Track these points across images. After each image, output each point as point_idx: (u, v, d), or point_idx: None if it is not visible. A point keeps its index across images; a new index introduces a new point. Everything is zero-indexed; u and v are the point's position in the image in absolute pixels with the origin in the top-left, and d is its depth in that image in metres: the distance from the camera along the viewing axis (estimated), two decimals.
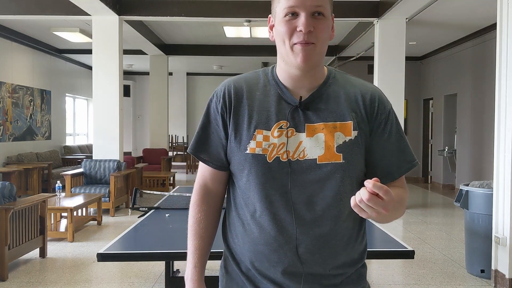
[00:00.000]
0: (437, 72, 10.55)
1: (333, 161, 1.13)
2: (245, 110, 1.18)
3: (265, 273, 1.16)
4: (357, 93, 1.19)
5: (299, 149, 1.14)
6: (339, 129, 1.15)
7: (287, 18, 1.11)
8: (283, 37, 1.13)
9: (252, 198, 1.16)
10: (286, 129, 1.14)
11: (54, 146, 10.89)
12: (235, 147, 1.17)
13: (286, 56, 1.14)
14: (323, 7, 1.11)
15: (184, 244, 1.31)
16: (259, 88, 1.20)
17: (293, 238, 1.13)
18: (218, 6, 7.24)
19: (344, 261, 1.17)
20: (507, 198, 3.82)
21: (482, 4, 6.59)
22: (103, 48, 7.23)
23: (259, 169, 1.14)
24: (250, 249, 1.17)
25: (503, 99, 3.90)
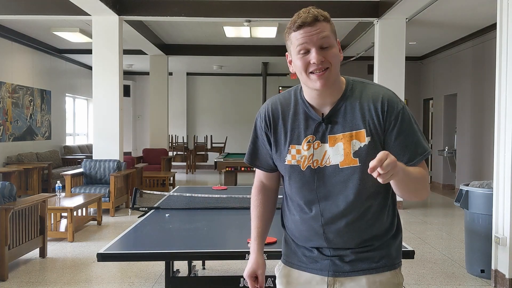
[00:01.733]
0: (437, 72, 10.55)
1: (351, 165, 1.39)
2: (281, 129, 1.48)
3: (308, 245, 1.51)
4: (369, 102, 1.41)
5: (325, 157, 1.42)
6: (355, 137, 1.39)
7: (301, 55, 1.36)
8: (300, 70, 1.37)
9: (294, 196, 1.49)
10: (313, 142, 1.42)
11: (54, 146, 10.89)
12: (277, 159, 1.50)
13: (307, 83, 1.39)
14: (328, 38, 1.35)
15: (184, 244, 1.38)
16: (291, 108, 1.47)
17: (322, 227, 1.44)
18: (218, 6, 7.24)
19: (367, 237, 1.45)
20: (507, 198, 3.82)
21: (482, 4, 6.59)
22: (103, 48, 7.23)
23: (296, 176, 1.45)
24: (295, 229, 1.52)
25: (503, 99, 3.90)
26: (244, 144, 10.25)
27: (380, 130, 1.39)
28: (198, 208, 3.39)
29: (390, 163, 1.19)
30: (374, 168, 1.18)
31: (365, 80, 1.49)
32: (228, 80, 14.60)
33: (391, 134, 1.39)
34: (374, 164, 1.18)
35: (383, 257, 1.47)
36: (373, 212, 1.44)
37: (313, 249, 1.49)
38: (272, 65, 12.66)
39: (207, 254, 2.49)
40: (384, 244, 1.48)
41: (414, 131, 1.41)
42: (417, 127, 1.43)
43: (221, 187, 4.52)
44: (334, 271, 1.46)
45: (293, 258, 1.55)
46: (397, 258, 1.53)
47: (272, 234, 2.54)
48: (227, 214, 3.27)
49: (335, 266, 1.46)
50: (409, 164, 1.38)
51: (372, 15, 7.26)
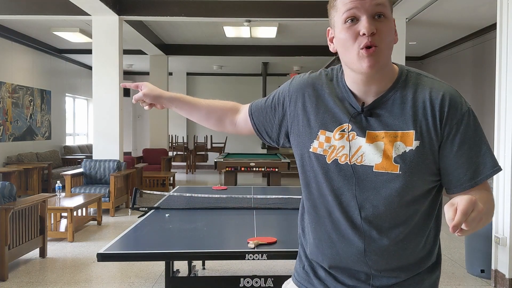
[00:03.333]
0: (437, 72, 10.55)
1: (389, 171, 1.11)
2: (312, 109, 1.22)
3: (320, 264, 1.24)
4: (426, 97, 1.13)
5: (357, 153, 1.14)
6: (400, 138, 1.12)
7: (347, 25, 1.10)
8: (345, 44, 1.11)
9: (311, 193, 1.23)
10: (348, 132, 1.16)
11: (54, 146, 10.89)
12: (300, 143, 1.23)
13: (351, 63, 1.12)
14: (384, 6, 1.09)
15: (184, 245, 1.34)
16: (329, 89, 1.22)
17: (345, 237, 1.17)
18: (218, 6, 7.24)
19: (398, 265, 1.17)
20: (507, 198, 3.82)
21: (482, 4, 6.59)
22: (103, 48, 7.23)
23: (318, 168, 1.19)
24: (312, 243, 1.25)
25: (503, 99, 3.90)
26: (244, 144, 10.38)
27: (434, 135, 1.11)
28: (198, 208, 3.39)
29: (476, 216, 0.94)
30: (457, 226, 0.96)
31: (422, 71, 1.21)
32: (228, 80, 14.60)
33: (452, 142, 1.11)
34: (459, 219, 0.95)
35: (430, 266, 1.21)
36: (407, 233, 1.16)
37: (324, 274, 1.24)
38: (272, 65, 12.66)
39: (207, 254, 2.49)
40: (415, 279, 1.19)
41: (481, 140, 1.12)
42: (484, 136, 1.14)
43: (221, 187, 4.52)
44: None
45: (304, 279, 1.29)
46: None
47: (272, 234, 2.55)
48: (227, 214, 3.27)
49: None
50: (472, 183, 1.12)
51: None
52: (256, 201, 3.66)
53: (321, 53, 10.69)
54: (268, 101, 1.35)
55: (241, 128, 1.42)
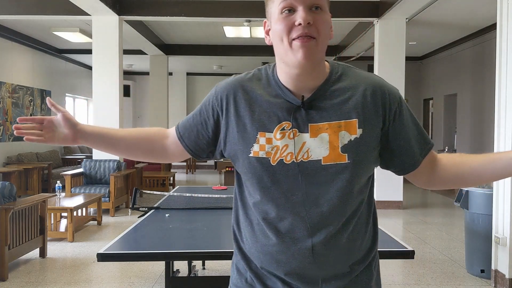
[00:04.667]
0: (437, 72, 10.55)
1: (338, 161, 1.10)
2: (246, 112, 1.15)
3: (273, 272, 1.17)
4: (363, 87, 1.14)
5: (302, 150, 1.11)
6: (344, 128, 1.11)
7: (283, 15, 1.07)
8: (280, 34, 1.08)
9: (258, 201, 1.15)
10: (289, 130, 1.12)
11: (54, 146, 10.89)
12: (238, 150, 1.15)
13: (285, 55, 1.09)
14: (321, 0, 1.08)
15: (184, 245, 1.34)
16: (261, 88, 1.17)
17: (300, 240, 1.12)
18: (218, 6, 7.24)
19: (353, 259, 1.17)
20: (507, 198, 3.82)
21: (482, 4, 6.59)
22: (103, 48, 7.23)
23: (263, 172, 1.12)
24: (258, 250, 1.18)
25: (503, 99, 3.90)
26: None
27: (376, 121, 1.13)
28: (198, 208, 3.39)
29: None
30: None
31: (350, 65, 1.21)
32: None
33: (398, 125, 1.15)
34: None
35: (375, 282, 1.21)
36: (356, 223, 1.16)
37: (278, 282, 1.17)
38: None
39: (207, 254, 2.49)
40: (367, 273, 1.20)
41: (416, 120, 1.21)
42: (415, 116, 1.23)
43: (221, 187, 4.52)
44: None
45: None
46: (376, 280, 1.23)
47: None
48: (227, 214, 3.26)
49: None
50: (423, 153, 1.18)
51: (372, 15, 7.26)
52: None
53: None
54: (196, 117, 1.24)
55: (173, 153, 1.30)
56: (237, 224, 1.26)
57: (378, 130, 1.14)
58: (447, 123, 10.23)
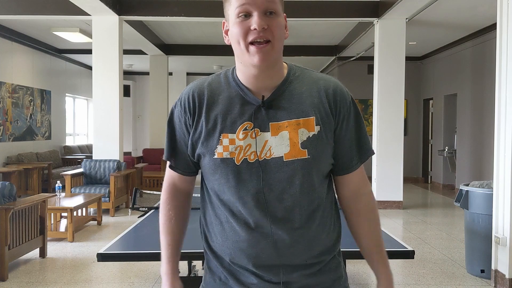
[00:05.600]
0: (437, 72, 10.55)
1: (298, 157, 1.16)
2: (209, 116, 1.19)
3: (245, 266, 1.21)
4: (319, 88, 1.21)
5: (265, 148, 1.16)
6: (303, 125, 1.17)
7: (240, 19, 1.13)
8: (237, 38, 1.14)
9: (226, 199, 1.19)
10: (251, 130, 1.17)
11: (54, 146, 10.89)
12: (204, 152, 1.20)
13: (242, 56, 1.16)
14: (274, 3, 1.13)
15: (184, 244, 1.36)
16: (221, 92, 1.21)
17: (268, 234, 1.17)
18: (218, 6, 7.18)
19: (320, 250, 1.22)
20: (507, 198, 3.82)
21: (482, 4, 6.59)
22: (103, 48, 7.23)
23: (229, 172, 1.17)
24: (229, 246, 1.21)
25: (503, 99, 3.90)
26: None
27: (331, 120, 1.20)
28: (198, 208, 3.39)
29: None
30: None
31: (306, 67, 1.28)
32: None
33: (342, 128, 1.21)
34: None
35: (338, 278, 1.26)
36: (320, 216, 1.21)
37: (251, 276, 1.20)
38: None
39: None
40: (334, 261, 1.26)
41: (361, 126, 1.26)
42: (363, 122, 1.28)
43: None
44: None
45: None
46: (346, 279, 1.30)
47: None
48: None
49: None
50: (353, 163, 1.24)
51: (372, 15, 7.26)
52: None
53: (321, 53, 10.70)
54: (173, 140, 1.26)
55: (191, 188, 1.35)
56: (206, 225, 1.29)
57: (333, 129, 1.20)
58: (447, 123, 10.22)
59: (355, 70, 10.87)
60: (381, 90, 7.38)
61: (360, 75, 10.84)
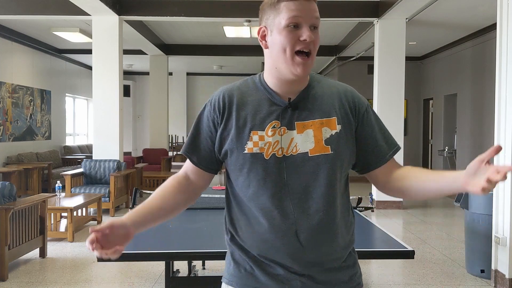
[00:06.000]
0: (437, 72, 10.55)
1: (322, 152, 1.26)
2: (239, 115, 1.29)
3: (272, 258, 1.28)
4: (338, 92, 1.34)
5: (291, 145, 1.26)
6: (326, 124, 1.28)
7: (289, 29, 1.23)
8: (284, 46, 1.23)
9: (254, 193, 1.27)
10: (279, 128, 1.27)
11: (54, 146, 10.89)
12: (232, 148, 1.28)
13: (283, 64, 1.25)
14: (319, 20, 1.26)
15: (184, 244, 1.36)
16: (250, 94, 1.32)
17: (294, 225, 1.25)
18: (218, 6, 7.24)
19: (341, 242, 1.30)
20: (507, 198, 3.82)
21: (482, 4, 6.59)
22: (103, 48, 7.23)
23: (259, 166, 1.26)
24: (255, 239, 1.28)
25: (503, 99, 3.90)
26: None
27: (352, 120, 1.31)
28: (198, 208, 3.39)
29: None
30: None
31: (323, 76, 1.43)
32: (228, 80, 14.60)
33: (365, 126, 1.33)
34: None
35: (354, 274, 1.35)
36: (341, 211, 1.31)
37: (277, 267, 1.27)
38: None
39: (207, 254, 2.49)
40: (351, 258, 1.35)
41: (384, 127, 1.38)
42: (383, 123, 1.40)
43: (221, 187, 4.52)
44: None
45: (249, 279, 1.30)
46: (361, 275, 1.38)
47: None
48: None
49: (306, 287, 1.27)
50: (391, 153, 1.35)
51: (372, 15, 7.26)
52: None
53: (321, 53, 10.69)
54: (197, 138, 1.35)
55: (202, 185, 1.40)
56: (230, 220, 1.35)
57: (353, 128, 1.32)
58: (447, 123, 10.22)
59: (355, 70, 10.87)
60: (381, 90, 7.38)
61: (360, 75, 10.84)
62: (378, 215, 6.83)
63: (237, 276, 1.32)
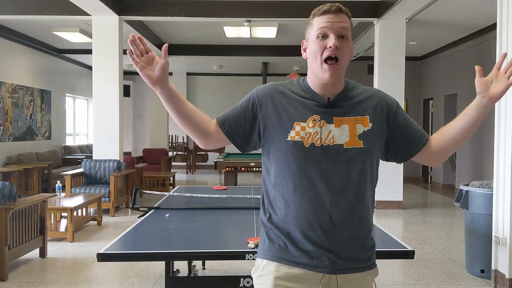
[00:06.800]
0: (437, 72, 10.55)
1: (356, 146, 1.46)
2: (284, 106, 1.49)
3: (306, 235, 1.44)
4: (371, 96, 1.54)
5: (329, 136, 1.45)
6: (360, 121, 1.48)
7: (319, 39, 1.44)
8: (315, 54, 1.45)
9: (294, 175, 1.45)
10: (319, 121, 1.46)
11: (54, 146, 10.89)
12: (276, 136, 1.48)
13: (317, 70, 1.46)
14: (347, 30, 1.46)
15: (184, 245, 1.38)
16: (295, 92, 1.52)
17: (327, 205, 1.43)
18: (218, 6, 7.24)
19: (365, 225, 1.49)
20: (507, 198, 3.82)
21: (482, 4, 6.59)
22: (103, 48, 7.23)
23: (299, 152, 1.44)
24: (293, 216, 1.45)
25: (503, 99, 3.90)
26: None
27: (381, 119, 1.51)
28: (198, 208, 3.39)
29: None
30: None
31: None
32: (228, 80, 14.60)
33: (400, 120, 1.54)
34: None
35: (371, 255, 1.54)
36: (367, 200, 1.50)
37: (309, 244, 1.44)
38: (272, 65, 12.67)
39: (207, 254, 2.49)
40: (372, 239, 1.54)
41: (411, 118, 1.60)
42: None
43: (221, 187, 4.52)
44: (330, 268, 1.44)
45: (283, 253, 1.48)
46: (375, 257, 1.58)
47: None
48: (227, 214, 3.27)
49: (332, 263, 1.44)
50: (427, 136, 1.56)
51: (372, 15, 7.26)
52: (256, 201, 3.65)
53: None
54: (235, 110, 1.55)
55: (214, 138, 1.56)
56: (269, 201, 1.53)
57: (384, 126, 1.52)
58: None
59: (355, 70, 10.86)
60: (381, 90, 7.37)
61: (360, 75, 10.84)
62: (378, 215, 6.82)
63: (272, 251, 1.49)
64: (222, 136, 1.54)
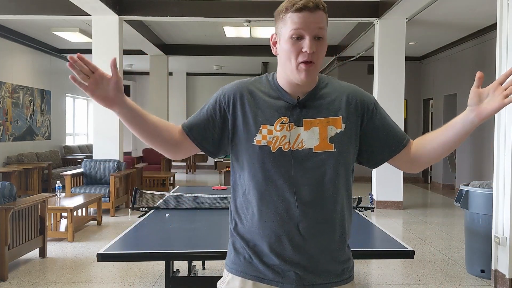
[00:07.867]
0: (437, 72, 10.55)
1: (326, 150, 1.34)
2: (251, 108, 1.37)
3: (272, 246, 1.34)
4: (345, 93, 1.41)
5: (297, 140, 1.34)
6: (331, 123, 1.36)
7: (293, 40, 1.30)
8: (289, 55, 1.31)
9: (259, 183, 1.35)
10: (287, 124, 1.35)
11: (54, 146, 10.89)
12: (242, 140, 1.37)
13: (291, 72, 1.33)
14: (323, 30, 1.32)
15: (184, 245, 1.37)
16: (263, 91, 1.40)
17: (295, 216, 1.32)
18: (218, 6, 7.24)
19: (338, 237, 1.37)
20: (507, 198, 3.82)
21: (482, 4, 6.59)
22: (103, 48, 7.23)
23: (265, 158, 1.34)
24: (258, 226, 1.35)
25: None
26: None
27: (356, 120, 1.38)
28: (198, 208, 3.39)
29: None
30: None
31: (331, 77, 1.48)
32: (228, 80, 14.52)
33: (377, 119, 1.41)
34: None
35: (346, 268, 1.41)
36: (341, 207, 1.37)
37: (274, 257, 1.34)
38: (272, 65, 12.67)
39: (207, 254, 2.49)
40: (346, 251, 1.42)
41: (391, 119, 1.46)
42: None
43: (221, 187, 4.52)
44: (297, 284, 1.33)
45: (247, 267, 1.37)
46: (353, 268, 1.45)
47: None
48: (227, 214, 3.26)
49: (298, 278, 1.33)
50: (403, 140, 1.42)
51: (372, 15, 7.26)
52: None
53: None
54: (202, 115, 1.42)
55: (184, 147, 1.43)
56: (236, 210, 1.43)
57: (358, 127, 1.39)
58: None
59: (355, 70, 10.87)
60: (381, 90, 7.38)
61: (360, 75, 10.84)
62: (378, 215, 6.82)
63: (237, 264, 1.39)
64: (190, 144, 1.41)
